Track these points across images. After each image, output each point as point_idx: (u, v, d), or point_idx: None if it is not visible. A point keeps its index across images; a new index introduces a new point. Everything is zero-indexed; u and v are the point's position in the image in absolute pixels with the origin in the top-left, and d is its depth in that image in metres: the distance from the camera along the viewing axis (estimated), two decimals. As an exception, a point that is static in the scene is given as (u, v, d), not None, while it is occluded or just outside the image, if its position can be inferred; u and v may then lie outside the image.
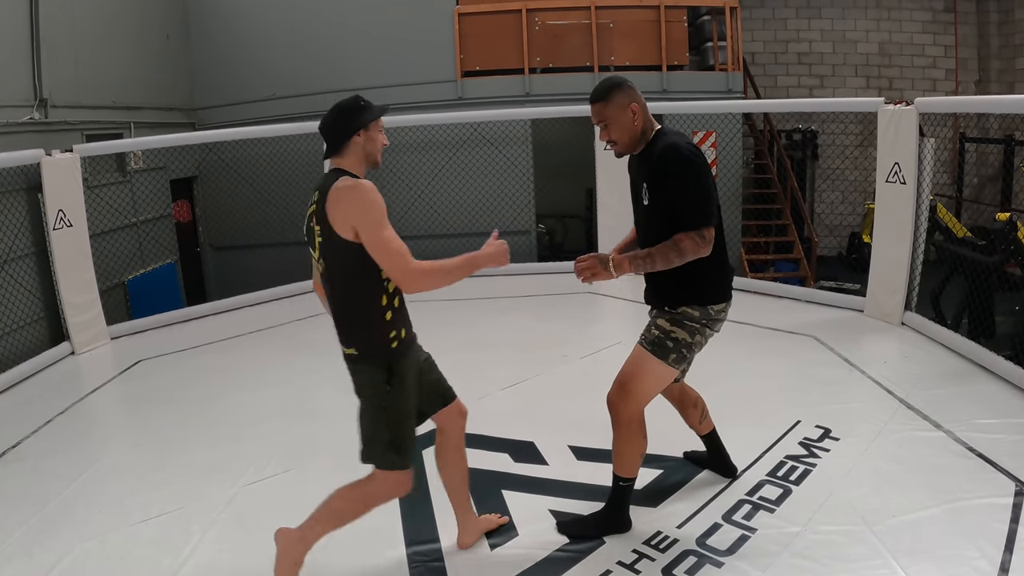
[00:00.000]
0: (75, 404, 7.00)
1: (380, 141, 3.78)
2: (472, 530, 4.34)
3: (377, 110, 3.75)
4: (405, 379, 3.69)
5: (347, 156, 3.68)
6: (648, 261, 3.87)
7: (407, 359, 3.72)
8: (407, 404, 3.72)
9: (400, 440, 3.71)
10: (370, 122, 3.70)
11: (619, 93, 4.05)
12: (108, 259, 9.99)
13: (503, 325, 8.68)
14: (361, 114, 3.69)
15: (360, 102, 3.74)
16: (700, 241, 3.84)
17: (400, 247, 3.48)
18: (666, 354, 4.10)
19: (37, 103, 9.62)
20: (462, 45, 12.55)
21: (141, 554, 4.43)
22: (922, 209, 7.75)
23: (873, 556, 4.00)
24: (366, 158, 3.75)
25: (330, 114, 3.71)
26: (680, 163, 3.89)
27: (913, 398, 6.03)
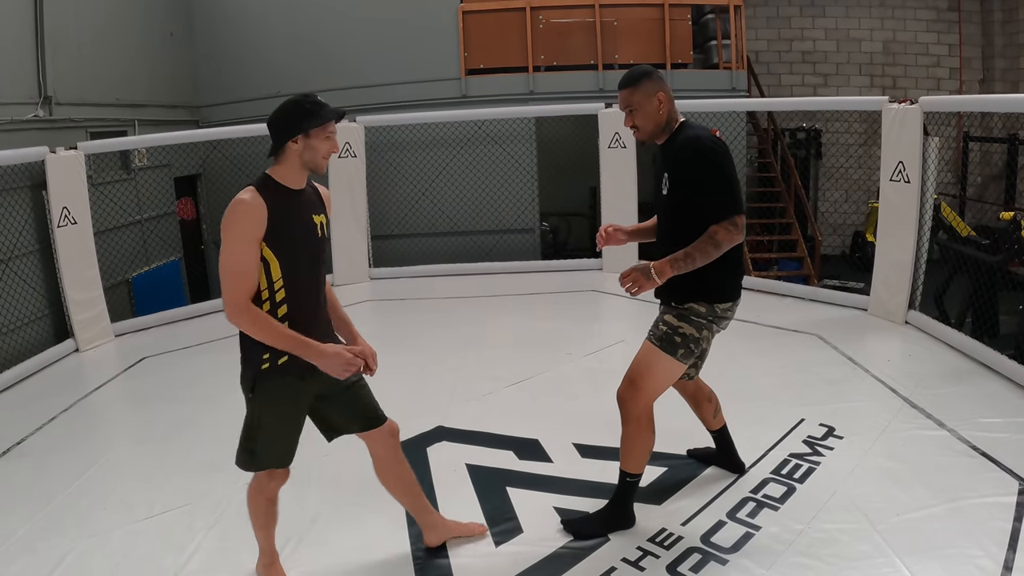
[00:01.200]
0: (79, 401, 7.02)
1: (324, 150, 3.52)
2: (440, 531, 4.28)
3: (327, 114, 3.49)
4: (271, 400, 3.62)
5: (281, 162, 3.51)
6: (688, 260, 3.88)
7: (277, 383, 3.60)
8: (267, 420, 3.65)
9: (252, 447, 3.69)
10: (312, 128, 3.46)
11: (648, 82, 4.12)
12: (112, 256, 9.99)
13: (507, 323, 8.67)
14: (303, 119, 3.45)
15: (307, 104, 3.49)
16: (734, 229, 3.88)
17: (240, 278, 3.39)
18: (674, 349, 4.12)
19: (41, 101, 9.63)
20: (466, 43, 12.53)
21: (145, 551, 4.43)
22: (926, 208, 7.74)
23: (877, 554, 3.99)
24: (303, 166, 3.52)
25: (274, 111, 3.52)
26: (702, 154, 3.94)
27: (917, 397, 6.02)
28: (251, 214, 3.36)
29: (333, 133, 3.55)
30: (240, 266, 3.39)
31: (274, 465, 3.75)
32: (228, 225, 3.38)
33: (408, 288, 10.35)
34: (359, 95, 12.23)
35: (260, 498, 3.86)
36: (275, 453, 3.72)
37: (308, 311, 3.62)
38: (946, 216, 10.86)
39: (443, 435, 5.71)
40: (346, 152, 10.37)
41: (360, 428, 3.90)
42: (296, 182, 3.56)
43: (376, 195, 11.42)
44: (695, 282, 4.06)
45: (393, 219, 12.14)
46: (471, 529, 4.40)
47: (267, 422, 3.64)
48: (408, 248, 11.92)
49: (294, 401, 3.68)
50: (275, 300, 3.50)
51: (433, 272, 11.11)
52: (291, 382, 3.61)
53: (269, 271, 3.46)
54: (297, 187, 3.58)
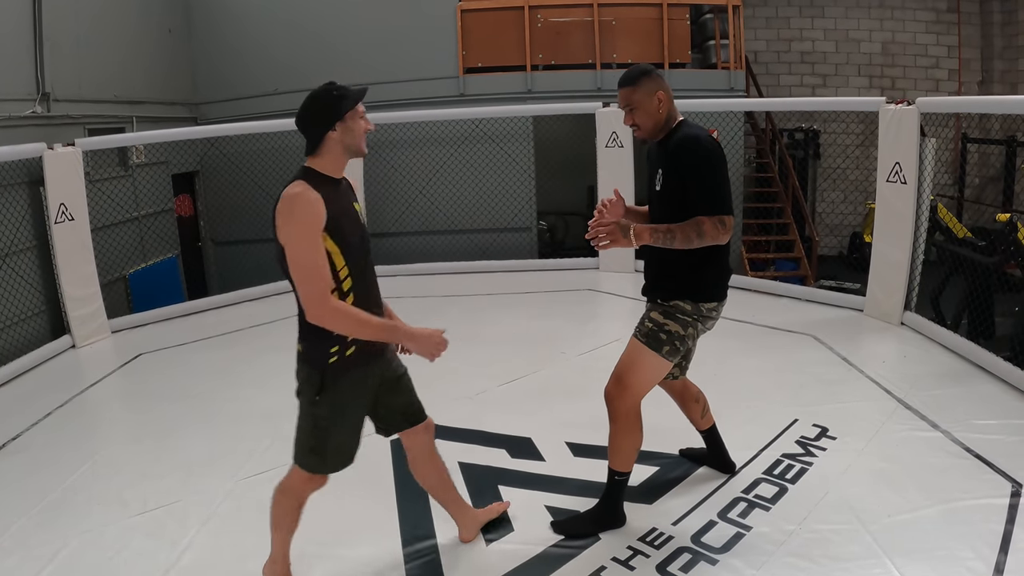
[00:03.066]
0: (75, 397, 7.04)
1: (360, 129, 3.53)
2: (470, 525, 4.32)
3: (354, 96, 3.50)
4: (338, 395, 3.58)
5: (323, 154, 3.49)
6: (668, 236, 3.89)
7: (347, 377, 3.57)
8: (335, 418, 3.61)
9: (322, 448, 3.63)
10: (346, 112, 3.45)
11: (648, 80, 4.14)
12: (109, 253, 9.99)
13: (503, 321, 8.68)
14: (335, 105, 3.45)
15: (333, 91, 3.48)
16: (721, 227, 3.89)
17: (317, 273, 3.36)
18: (660, 346, 4.12)
19: (39, 97, 9.63)
20: (464, 41, 12.54)
21: (138, 547, 4.45)
22: (922, 209, 7.73)
23: (868, 556, 4.00)
24: (346, 151, 3.51)
25: (302, 107, 3.50)
26: (699, 153, 3.95)
27: (911, 398, 6.02)
28: (312, 207, 3.33)
29: (363, 112, 3.55)
30: (314, 261, 3.35)
31: (342, 466, 3.72)
32: (290, 221, 3.33)
33: (405, 286, 10.31)
34: (358, 93, 12.16)
35: (292, 501, 3.81)
36: (345, 453, 3.70)
37: (371, 296, 3.64)
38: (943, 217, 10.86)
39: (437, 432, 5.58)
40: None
41: (405, 423, 3.95)
42: (338, 171, 3.56)
43: (373, 193, 11.41)
44: (682, 280, 4.10)
45: (390, 217, 12.15)
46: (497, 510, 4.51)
47: (339, 421, 3.61)
48: (405, 246, 11.91)
49: (364, 395, 3.70)
50: (343, 290, 3.48)
51: (430, 270, 11.11)
52: (360, 376, 3.63)
53: (333, 262, 3.42)
54: (339, 176, 3.57)
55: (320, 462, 3.66)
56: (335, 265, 3.44)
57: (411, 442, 4.02)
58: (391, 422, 3.92)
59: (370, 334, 3.45)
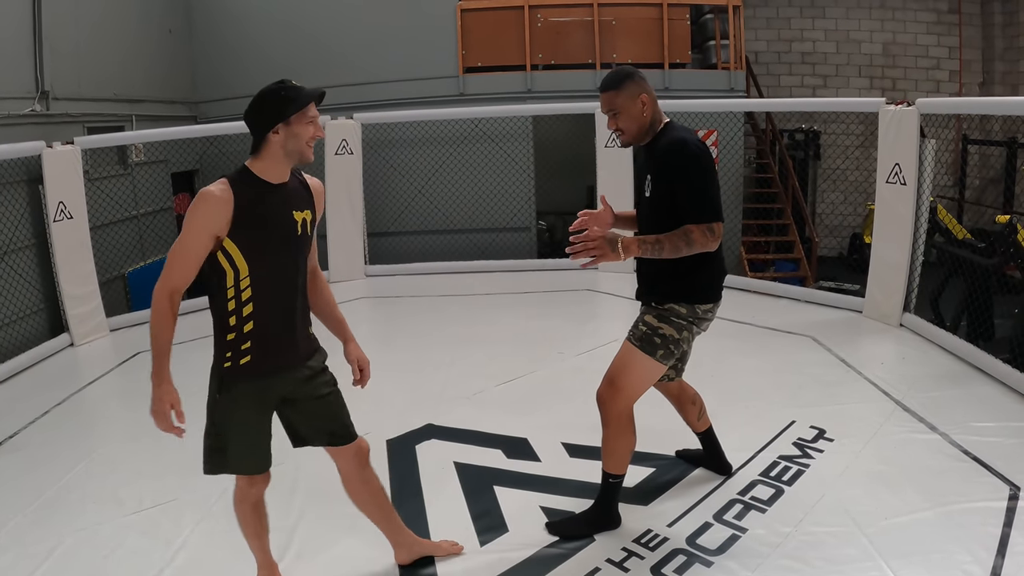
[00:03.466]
0: (73, 395, 7.04)
1: (307, 135, 3.35)
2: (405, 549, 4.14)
3: (304, 97, 3.32)
4: (236, 400, 3.48)
5: (263, 156, 3.35)
6: (657, 247, 3.86)
7: (239, 386, 3.47)
8: (227, 423, 3.50)
9: (221, 448, 3.54)
10: (292, 114, 3.29)
11: (630, 83, 4.08)
12: (108, 251, 9.99)
13: (501, 321, 8.66)
14: (280, 106, 3.29)
15: (282, 91, 3.31)
16: (709, 235, 3.85)
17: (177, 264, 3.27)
18: (654, 350, 4.11)
19: (39, 95, 9.63)
20: (464, 41, 12.54)
21: (133, 545, 4.45)
22: (922, 210, 7.72)
23: (864, 558, 3.99)
24: (287, 157, 3.35)
25: (249, 104, 3.34)
26: (686, 158, 3.90)
27: (909, 400, 6.01)
28: (212, 207, 3.23)
29: (315, 117, 3.38)
30: (183, 254, 3.27)
31: (254, 469, 3.64)
32: (189, 212, 3.26)
33: (404, 285, 10.35)
34: (357, 92, 12.23)
35: (245, 505, 3.74)
36: (246, 459, 3.60)
37: (278, 313, 3.49)
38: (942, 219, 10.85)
39: (432, 433, 5.71)
40: (343, 149, 10.36)
41: (326, 442, 3.77)
42: (277, 175, 3.40)
43: (372, 192, 11.39)
44: (676, 283, 4.08)
45: (389, 216, 12.14)
46: (445, 548, 4.25)
47: (232, 425, 3.51)
48: (404, 245, 11.92)
49: (258, 407, 3.55)
50: (240, 299, 3.37)
51: (429, 270, 11.09)
52: (255, 384, 3.50)
53: (236, 267, 3.33)
54: (278, 181, 3.41)
55: (223, 462, 3.57)
56: (239, 271, 3.35)
57: (339, 463, 3.85)
58: (309, 437, 3.76)
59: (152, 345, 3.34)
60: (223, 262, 3.33)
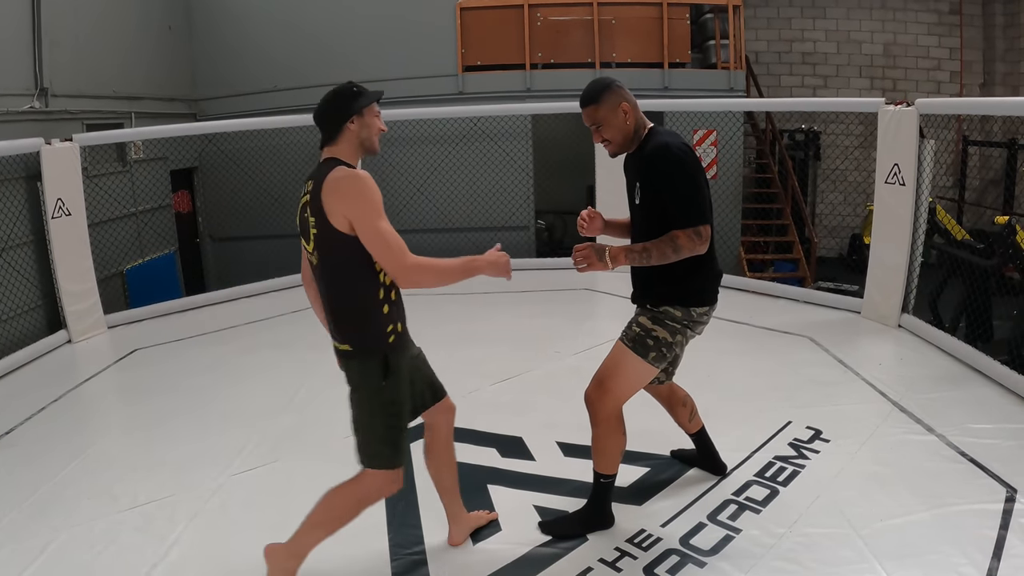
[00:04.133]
0: (69, 392, 7.03)
1: (376, 127, 3.66)
2: (463, 527, 4.32)
3: (371, 95, 3.65)
4: (401, 373, 3.64)
5: (341, 144, 3.60)
6: (644, 254, 3.86)
7: (403, 353, 3.67)
8: (403, 398, 3.66)
9: (395, 436, 3.66)
10: (364, 107, 3.59)
11: (609, 94, 4.05)
12: (107, 248, 9.99)
13: (498, 320, 8.68)
14: (354, 100, 3.59)
15: (353, 88, 3.64)
16: (696, 238, 3.83)
17: (397, 240, 3.41)
18: (646, 352, 4.09)
19: (38, 92, 9.64)
20: (464, 40, 12.55)
21: (127, 541, 4.46)
22: (921, 211, 7.71)
23: (859, 560, 3.98)
24: (361, 145, 3.64)
25: (323, 101, 3.62)
26: (670, 163, 3.88)
27: (906, 401, 6.00)
28: (372, 184, 3.46)
29: (379, 113, 3.69)
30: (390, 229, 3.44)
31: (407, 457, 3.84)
32: (360, 198, 3.43)
33: (402, 284, 10.34)
34: (357, 90, 12.18)
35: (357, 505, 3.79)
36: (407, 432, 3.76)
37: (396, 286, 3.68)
38: (941, 219, 10.84)
39: (429, 433, 5.72)
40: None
41: (430, 398, 3.97)
42: (355, 163, 3.65)
43: (372, 191, 11.32)
44: (672, 286, 4.06)
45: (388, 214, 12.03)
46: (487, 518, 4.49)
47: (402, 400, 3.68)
48: (403, 244, 11.87)
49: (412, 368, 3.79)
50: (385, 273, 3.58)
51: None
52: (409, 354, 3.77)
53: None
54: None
55: (396, 453, 3.70)
56: None
57: (435, 420, 4.04)
58: (421, 399, 3.92)
59: (455, 276, 3.56)
60: None
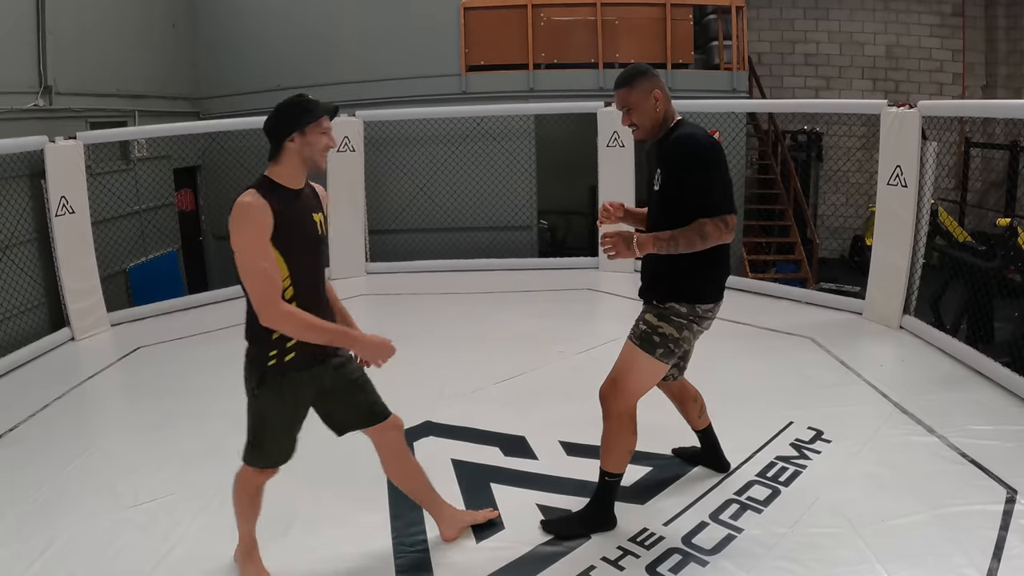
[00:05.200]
0: (73, 389, 7.04)
1: (321, 144, 3.59)
2: (450, 523, 4.32)
3: (319, 110, 3.57)
4: (276, 395, 3.66)
5: (282, 162, 3.56)
6: (672, 243, 3.91)
7: (285, 380, 3.65)
8: (274, 416, 3.71)
9: (259, 443, 3.76)
10: (308, 124, 3.52)
11: (643, 80, 4.15)
12: (110, 246, 10.00)
13: (502, 320, 8.67)
14: (297, 117, 3.53)
15: (300, 101, 3.58)
16: (723, 227, 3.89)
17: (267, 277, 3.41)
18: (653, 348, 4.12)
19: (42, 90, 9.63)
20: (467, 39, 12.53)
21: (130, 539, 4.47)
22: (923, 213, 7.72)
23: (859, 560, 3.99)
24: (303, 163, 3.58)
25: (269, 114, 3.59)
26: (698, 152, 3.96)
27: (908, 402, 6.00)
28: (258, 216, 3.39)
29: (328, 129, 3.62)
30: (263, 266, 3.41)
31: (279, 462, 3.85)
32: (238, 229, 3.40)
33: (404, 283, 10.37)
34: (359, 90, 12.25)
35: (247, 490, 3.93)
36: (281, 450, 3.81)
37: (314, 309, 3.61)
38: (943, 221, 10.84)
39: (430, 430, 5.72)
40: (345, 146, 10.38)
41: (367, 421, 3.96)
42: (296, 182, 3.61)
43: (374, 190, 11.41)
44: (677, 282, 4.09)
45: (391, 214, 12.12)
46: (483, 516, 4.47)
47: (273, 420, 3.71)
48: (405, 243, 11.90)
49: (298, 398, 3.73)
50: (284, 297, 3.51)
51: (429, 268, 11.10)
52: (296, 379, 3.67)
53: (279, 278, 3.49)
54: (297, 187, 3.62)
55: (258, 455, 3.81)
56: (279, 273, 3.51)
57: (379, 440, 4.04)
58: (347, 423, 3.97)
59: (318, 338, 3.52)
60: None
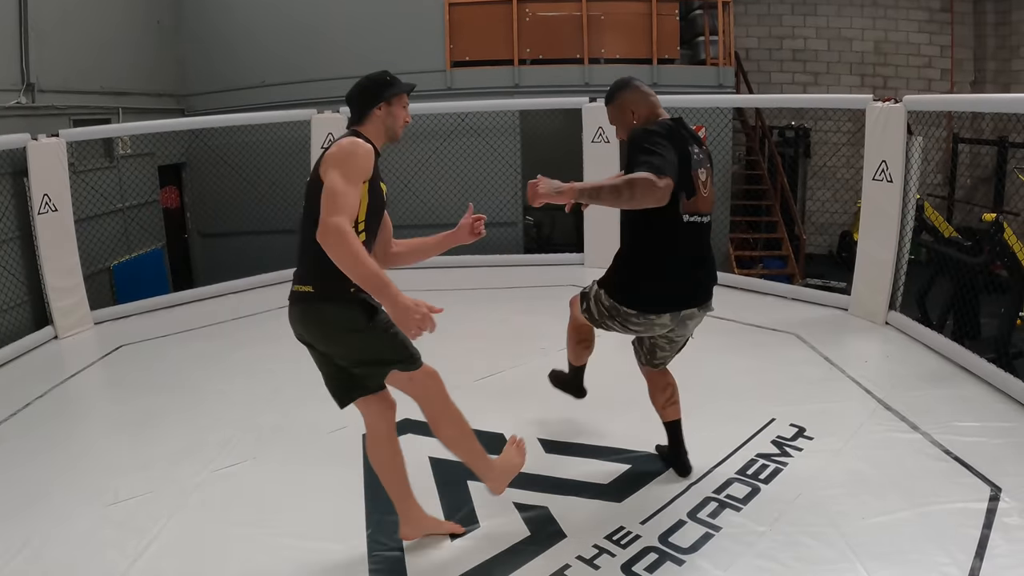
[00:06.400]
0: (55, 388, 7.01)
1: (402, 117, 3.90)
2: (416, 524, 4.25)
3: (403, 86, 3.88)
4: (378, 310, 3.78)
5: (366, 126, 3.82)
6: (594, 191, 3.96)
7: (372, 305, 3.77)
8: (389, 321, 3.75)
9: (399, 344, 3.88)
10: (392, 96, 3.83)
11: (620, 94, 4.38)
12: (94, 244, 9.95)
13: (485, 316, 8.65)
14: (386, 88, 3.82)
15: (387, 76, 3.87)
16: (655, 183, 3.79)
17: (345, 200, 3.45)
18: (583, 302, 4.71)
19: (24, 87, 9.59)
20: (452, 35, 12.50)
21: (108, 537, 4.44)
22: (908, 208, 7.72)
23: (840, 559, 3.96)
24: (385, 132, 3.87)
25: (356, 84, 3.86)
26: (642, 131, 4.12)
27: (892, 399, 5.98)
28: (368, 156, 3.63)
29: (407, 104, 3.95)
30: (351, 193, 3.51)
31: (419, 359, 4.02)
32: (345, 161, 3.55)
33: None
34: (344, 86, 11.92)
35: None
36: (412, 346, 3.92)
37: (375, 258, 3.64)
38: (929, 216, 10.84)
39: (409, 427, 5.61)
40: (329, 143, 10.25)
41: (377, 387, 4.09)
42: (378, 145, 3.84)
43: (360, 186, 11.30)
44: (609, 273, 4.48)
45: (376, 210, 12.03)
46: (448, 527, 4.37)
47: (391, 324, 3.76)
48: (391, 240, 11.83)
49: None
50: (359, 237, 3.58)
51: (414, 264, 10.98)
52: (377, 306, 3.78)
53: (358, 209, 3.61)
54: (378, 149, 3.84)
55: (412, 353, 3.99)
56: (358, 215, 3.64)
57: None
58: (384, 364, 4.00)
59: (359, 276, 3.43)
60: None
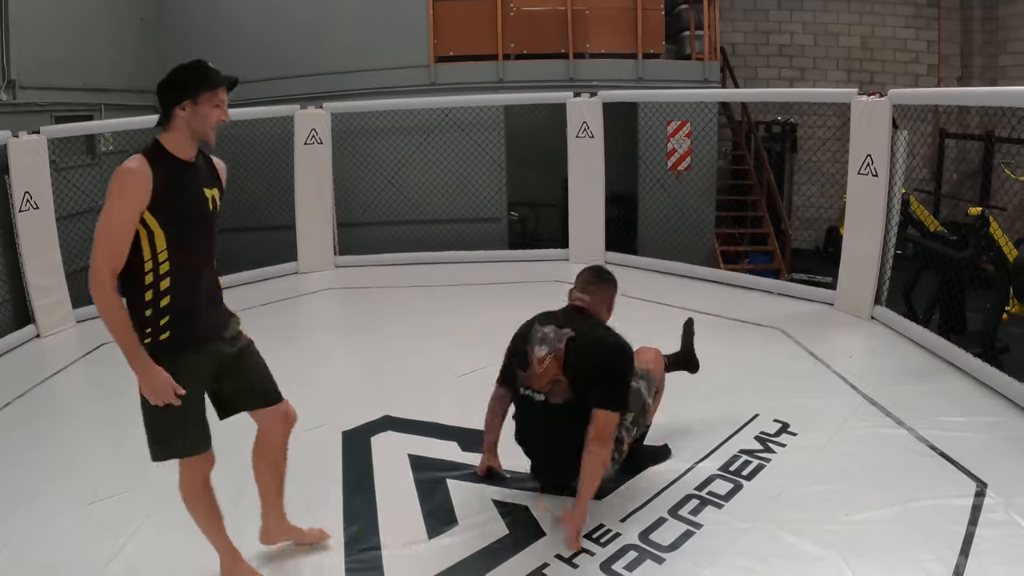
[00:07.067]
0: (36, 387, 6.98)
1: (214, 117, 3.44)
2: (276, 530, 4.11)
3: (216, 80, 3.45)
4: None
5: (171, 130, 3.41)
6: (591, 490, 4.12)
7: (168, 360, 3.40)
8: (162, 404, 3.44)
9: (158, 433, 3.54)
10: (200, 94, 3.39)
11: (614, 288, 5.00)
12: (76, 242, 9.86)
13: (469, 312, 8.62)
14: (191, 84, 3.39)
15: (200, 67, 3.44)
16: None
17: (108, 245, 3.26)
18: None
19: (5, 84, 9.50)
20: (436, 30, 12.45)
21: (86, 535, 4.43)
22: (893, 202, 7.72)
23: (822, 556, 3.94)
24: (191, 136, 3.42)
25: (165, 76, 3.44)
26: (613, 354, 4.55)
27: (877, 394, 5.97)
28: (135, 183, 3.26)
29: (224, 102, 3.48)
30: (113, 234, 3.27)
31: (189, 451, 3.59)
32: (111, 192, 3.27)
33: (373, 276, 10.31)
34: (328, 81, 12.18)
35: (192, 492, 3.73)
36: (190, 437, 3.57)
37: (193, 286, 3.48)
38: (915, 211, 10.82)
39: (389, 424, 5.64)
40: (312, 139, 10.33)
41: (260, 403, 3.79)
42: (185, 152, 3.45)
43: (342, 182, 11.35)
44: None
45: (359, 207, 12.01)
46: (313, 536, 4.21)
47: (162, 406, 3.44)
48: (374, 236, 11.80)
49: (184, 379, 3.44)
50: (158, 272, 3.35)
51: (399, 260, 11.07)
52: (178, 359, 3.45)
53: (154, 242, 3.32)
54: (187, 158, 3.46)
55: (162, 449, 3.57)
56: (156, 246, 3.34)
57: (265, 425, 3.85)
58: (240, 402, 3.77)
59: (116, 339, 3.31)
60: (142, 237, 3.32)
